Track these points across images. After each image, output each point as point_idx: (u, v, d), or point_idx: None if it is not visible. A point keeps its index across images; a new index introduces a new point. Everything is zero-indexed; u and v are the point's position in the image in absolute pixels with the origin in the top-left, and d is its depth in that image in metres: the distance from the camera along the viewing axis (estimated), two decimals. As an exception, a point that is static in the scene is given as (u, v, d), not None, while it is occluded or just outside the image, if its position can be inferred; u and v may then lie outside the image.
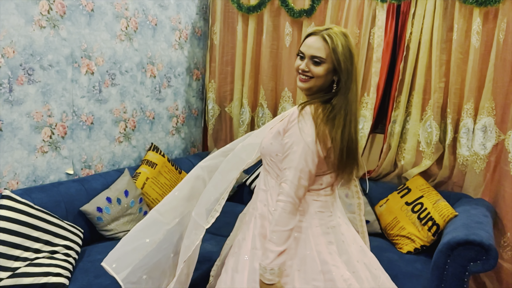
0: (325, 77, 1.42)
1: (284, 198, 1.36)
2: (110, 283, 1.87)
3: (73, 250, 2.03)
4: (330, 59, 1.39)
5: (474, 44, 2.53)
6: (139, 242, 1.64)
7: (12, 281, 1.75)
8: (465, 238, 1.93)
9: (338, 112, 1.39)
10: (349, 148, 1.42)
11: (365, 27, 2.84)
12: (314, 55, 1.41)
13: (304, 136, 1.36)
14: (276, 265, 1.34)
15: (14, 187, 2.15)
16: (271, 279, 1.34)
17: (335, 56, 1.38)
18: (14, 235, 1.82)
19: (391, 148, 2.85)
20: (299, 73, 1.45)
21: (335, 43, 1.38)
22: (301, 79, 1.44)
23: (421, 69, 2.70)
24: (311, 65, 1.42)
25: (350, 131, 1.42)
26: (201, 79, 3.56)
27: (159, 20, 2.98)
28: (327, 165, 1.44)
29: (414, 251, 2.43)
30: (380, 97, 2.85)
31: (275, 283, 1.34)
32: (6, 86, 2.05)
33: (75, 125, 2.44)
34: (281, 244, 1.34)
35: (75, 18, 2.36)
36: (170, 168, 2.85)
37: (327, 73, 1.41)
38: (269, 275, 1.34)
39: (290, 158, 1.37)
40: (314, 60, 1.41)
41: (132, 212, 2.43)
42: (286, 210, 1.35)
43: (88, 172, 2.57)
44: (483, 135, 2.56)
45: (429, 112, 2.74)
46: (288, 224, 1.35)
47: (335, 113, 1.39)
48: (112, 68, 2.64)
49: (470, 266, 1.93)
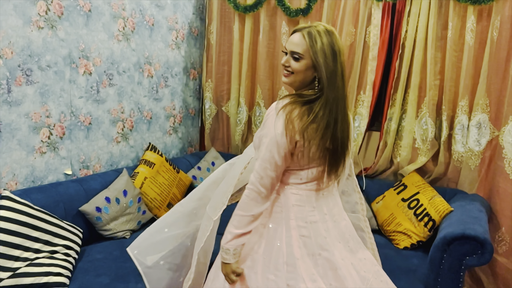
0: (305, 72, 1.44)
1: (249, 186, 1.43)
2: (110, 282, 1.88)
3: (73, 250, 2.04)
4: (308, 55, 1.41)
5: (468, 42, 2.56)
6: (160, 232, 1.76)
7: (13, 281, 1.76)
8: (461, 233, 1.96)
9: (318, 109, 1.40)
10: (334, 147, 1.43)
11: (361, 25, 2.86)
12: (293, 50, 1.44)
13: (274, 129, 1.41)
14: (232, 246, 1.41)
15: (13, 188, 2.15)
16: (226, 259, 1.43)
17: (312, 52, 1.40)
18: (14, 236, 1.83)
19: (387, 146, 2.88)
20: (283, 69, 1.49)
21: (313, 40, 1.40)
22: (284, 74, 1.49)
23: (416, 67, 2.73)
24: (291, 61, 1.45)
25: (334, 129, 1.41)
26: (198, 78, 3.58)
27: (156, 20, 2.99)
28: (303, 161, 1.44)
29: (410, 246, 2.46)
30: (376, 95, 2.87)
31: (230, 263, 1.42)
32: (4, 87, 2.06)
33: (73, 125, 2.45)
34: (239, 228, 1.41)
35: (73, 18, 2.37)
36: (168, 168, 2.87)
37: (306, 69, 1.43)
38: (224, 255, 1.43)
39: (260, 149, 1.44)
40: (294, 56, 1.44)
41: (131, 211, 2.44)
42: (249, 197, 1.42)
43: (86, 172, 2.57)
44: (478, 132, 2.59)
45: (424, 110, 2.77)
46: (249, 211, 1.42)
47: (314, 110, 1.40)
48: (110, 69, 2.65)
49: (466, 260, 1.97)
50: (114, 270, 1.99)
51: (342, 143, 1.45)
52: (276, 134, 1.39)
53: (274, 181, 1.44)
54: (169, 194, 2.77)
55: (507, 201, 2.45)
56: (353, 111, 2.96)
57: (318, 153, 1.43)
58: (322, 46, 1.40)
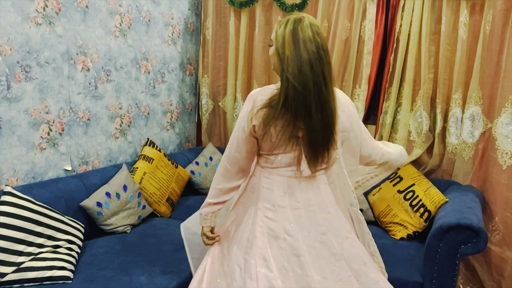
0: (273, 58, 1.49)
1: (220, 163, 1.60)
2: (114, 275, 1.91)
3: (75, 244, 2.06)
4: (275, 42, 1.45)
5: (461, 36, 2.60)
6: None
7: (18, 276, 1.78)
8: (457, 222, 2.01)
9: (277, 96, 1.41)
10: (310, 137, 1.42)
11: (356, 20, 2.90)
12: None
13: (241, 112, 1.50)
14: (204, 212, 1.62)
15: (14, 184, 2.16)
16: (200, 222, 1.65)
17: (275, 38, 1.45)
18: (17, 231, 1.84)
19: (383, 139, 2.92)
20: None
21: (277, 26, 1.46)
22: None
23: (411, 60, 2.78)
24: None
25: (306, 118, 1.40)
26: (194, 74, 3.59)
27: (152, 16, 3.00)
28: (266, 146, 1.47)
29: (407, 237, 2.51)
30: (371, 89, 2.92)
31: (203, 226, 1.63)
32: (4, 83, 2.06)
33: (72, 121, 2.46)
34: (210, 198, 1.61)
35: (70, 14, 2.37)
36: (167, 163, 2.89)
37: (273, 55, 1.47)
38: (200, 219, 1.64)
39: None
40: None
41: (131, 206, 2.46)
42: (219, 172, 1.59)
43: (85, 168, 2.59)
44: (471, 124, 2.64)
45: (419, 103, 2.81)
46: (218, 184, 1.59)
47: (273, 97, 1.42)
48: (107, 65, 2.66)
49: (461, 249, 2.02)
50: (117, 263, 2.01)
51: (323, 133, 1.43)
52: (241, 116, 1.49)
53: (240, 162, 1.53)
54: (168, 189, 2.80)
55: (500, 192, 2.51)
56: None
57: (283, 141, 1.44)
58: (282, 32, 1.41)
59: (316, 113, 1.40)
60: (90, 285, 1.81)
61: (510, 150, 2.45)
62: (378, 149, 1.73)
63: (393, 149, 1.83)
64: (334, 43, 2.97)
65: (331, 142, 1.47)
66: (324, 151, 1.47)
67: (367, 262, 1.54)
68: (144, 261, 2.05)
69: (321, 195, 1.53)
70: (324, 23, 3.02)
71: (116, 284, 1.83)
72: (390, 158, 1.78)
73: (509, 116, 2.45)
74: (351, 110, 1.58)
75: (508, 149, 2.46)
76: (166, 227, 2.50)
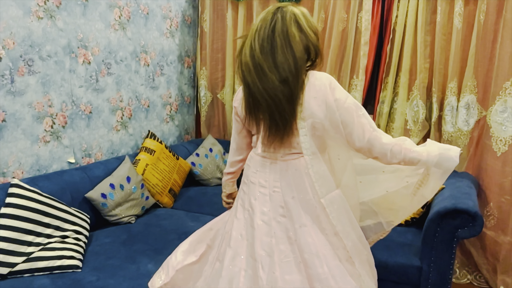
0: None
1: None
2: (122, 263, 1.95)
3: (82, 234, 2.10)
4: None
5: (456, 26, 2.65)
6: None
7: (28, 265, 1.82)
8: (453, 207, 2.08)
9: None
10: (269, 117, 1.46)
11: (352, 11, 2.94)
12: None
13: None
14: (222, 180, 1.86)
15: (20, 176, 2.19)
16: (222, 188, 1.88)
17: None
18: (26, 222, 1.88)
19: (380, 128, 2.97)
20: None
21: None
22: None
23: (407, 50, 2.82)
24: None
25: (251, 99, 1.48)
26: (192, 66, 3.62)
27: (150, 9, 3.02)
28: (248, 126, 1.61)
29: (405, 223, 2.57)
30: (368, 79, 2.96)
31: (223, 191, 1.86)
32: (7, 77, 2.08)
33: (75, 114, 2.49)
34: (226, 168, 1.82)
35: (71, 8, 2.39)
36: (168, 155, 2.92)
37: None
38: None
39: None
40: None
41: (134, 197, 2.50)
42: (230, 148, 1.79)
43: (88, 160, 2.62)
44: (466, 112, 2.70)
45: (415, 92, 2.87)
46: (228, 158, 1.81)
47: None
48: (108, 58, 2.68)
49: (458, 233, 2.08)
50: (124, 252, 2.06)
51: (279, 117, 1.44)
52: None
53: (236, 139, 1.72)
54: (170, 180, 2.84)
55: (495, 178, 2.58)
56: (347, 95, 3.05)
57: (252, 122, 1.54)
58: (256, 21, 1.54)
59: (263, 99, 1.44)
60: (100, 273, 1.85)
61: (504, 137, 2.52)
62: (381, 143, 1.48)
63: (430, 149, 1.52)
64: (331, 34, 3.00)
65: (287, 127, 1.46)
66: (279, 135, 1.48)
67: (321, 256, 1.47)
68: (150, 250, 2.10)
69: (288, 179, 1.54)
70: (321, 14, 3.06)
71: (124, 272, 1.87)
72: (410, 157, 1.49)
73: (503, 104, 2.52)
74: (327, 97, 1.45)
75: (502, 136, 2.52)
76: (170, 217, 2.54)
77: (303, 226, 1.50)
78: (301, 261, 1.48)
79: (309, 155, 1.51)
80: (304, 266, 1.48)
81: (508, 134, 2.51)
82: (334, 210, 1.54)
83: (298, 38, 1.44)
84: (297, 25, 1.46)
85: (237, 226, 1.59)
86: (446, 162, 1.51)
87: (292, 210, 1.52)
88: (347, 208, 1.60)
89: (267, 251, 1.49)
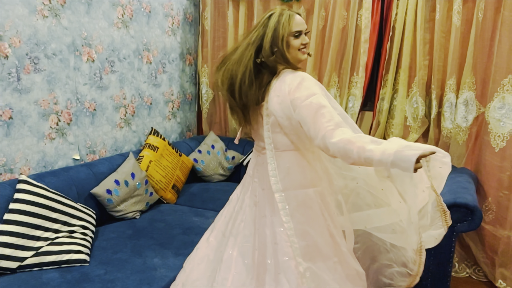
0: None
1: None
2: (129, 257, 1.99)
3: (89, 229, 2.13)
4: None
5: (455, 23, 2.69)
6: None
7: (37, 260, 1.85)
8: (453, 201, 2.12)
9: None
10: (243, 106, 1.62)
11: (352, 9, 2.97)
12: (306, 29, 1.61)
13: None
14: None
15: (26, 172, 2.23)
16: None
17: None
18: (34, 217, 1.91)
19: (380, 124, 3.02)
20: (302, 48, 1.58)
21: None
22: (305, 52, 1.61)
23: (406, 48, 2.86)
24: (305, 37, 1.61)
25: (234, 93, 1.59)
26: (194, 64, 3.65)
27: (152, 7, 3.05)
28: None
29: (405, 218, 2.61)
30: (368, 76, 3.00)
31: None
32: (14, 75, 2.11)
33: (79, 112, 2.52)
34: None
35: (75, 7, 2.42)
36: (171, 151, 2.96)
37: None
38: None
39: None
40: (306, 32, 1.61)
41: (139, 193, 2.54)
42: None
43: (93, 157, 2.65)
44: (465, 109, 2.74)
45: (414, 89, 2.91)
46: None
47: None
48: (111, 56, 2.71)
49: (457, 227, 2.13)
50: (130, 247, 2.10)
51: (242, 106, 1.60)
52: None
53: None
54: (173, 176, 2.87)
55: (493, 173, 2.63)
56: (347, 92, 3.09)
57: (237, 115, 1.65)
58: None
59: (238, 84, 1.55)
60: (107, 267, 1.89)
61: (502, 133, 2.56)
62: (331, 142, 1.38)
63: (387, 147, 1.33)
64: (332, 32, 3.04)
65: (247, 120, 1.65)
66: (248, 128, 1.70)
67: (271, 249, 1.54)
68: (155, 244, 2.14)
69: (262, 172, 1.66)
70: (322, 12, 3.09)
71: (131, 266, 1.91)
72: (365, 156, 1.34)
73: (501, 101, 2.56)
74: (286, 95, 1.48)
75: (500, 132, 2.57)
76: (173, 212, 2.58)
77: (264, 217, 1.62)
78: (256, 249, 1.60)
79: (270, 150, 1.59)
80: (257, 254, 1.59)
81: (506, 130, 2.56)
82: (291, 207, 1.55)
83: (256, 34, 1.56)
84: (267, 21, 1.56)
85: (228, 209, 1.80)
86: (402, 162, 1.27)
87: (260, 201, 1.65)
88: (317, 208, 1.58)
89: (234, 233, 1.68)
